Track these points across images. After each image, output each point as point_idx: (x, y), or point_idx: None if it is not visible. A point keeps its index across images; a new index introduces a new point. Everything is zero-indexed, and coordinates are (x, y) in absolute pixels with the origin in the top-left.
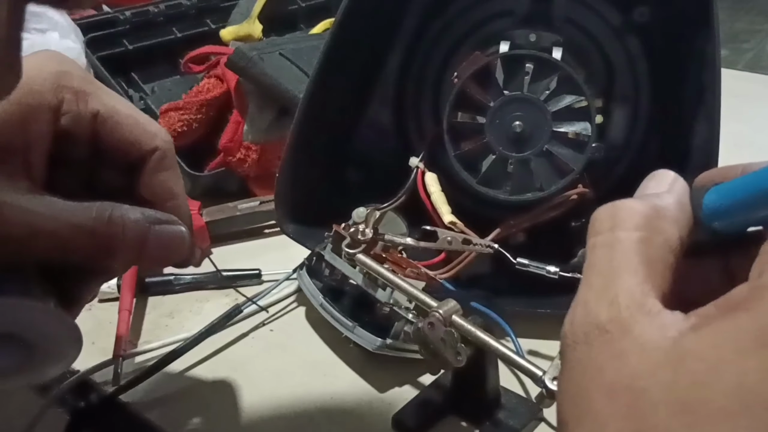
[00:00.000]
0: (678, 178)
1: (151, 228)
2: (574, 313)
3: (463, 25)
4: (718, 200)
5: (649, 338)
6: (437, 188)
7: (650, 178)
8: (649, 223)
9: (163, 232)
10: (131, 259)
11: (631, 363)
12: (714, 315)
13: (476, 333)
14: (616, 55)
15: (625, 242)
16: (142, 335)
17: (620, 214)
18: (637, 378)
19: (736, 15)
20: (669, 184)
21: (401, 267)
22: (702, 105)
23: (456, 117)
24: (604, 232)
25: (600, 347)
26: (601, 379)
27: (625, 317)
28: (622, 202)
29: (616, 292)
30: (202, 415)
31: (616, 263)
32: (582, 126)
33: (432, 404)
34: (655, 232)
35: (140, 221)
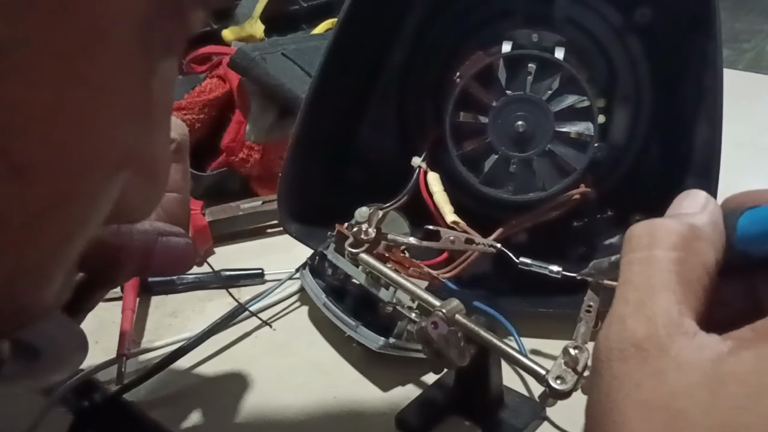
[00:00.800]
0: (710, 198)
1: (157, 240)
2: (609, 329)
3: (466, 25)
4: (753, 225)
5: (686, 359)
6: (439, 188)
7: (684, 197)
8: (687, 244)
9: (169, 244)
10: (137, 270)
11: (669, 382)
12: (752, 339)
13: (479, 332)
14: (618, 56)
15: (663, 261)
16: (146, 335)
17: (658, 233)
18: (674, 398)
19: (737, 15)
20: (702, 205)
21: (404, 266)
22: (703, 105)
23: (458, 117)
24: (642, 249)
25: (637, 364)
26: (637, 396)
27: (662, 336)
28: (659, 221)
29: (654, 310)
30: (206, 414)
31: (654, 281)
32: (584, 126)
33: (435, 403)
34: (692, 252)
35: (148, 232)
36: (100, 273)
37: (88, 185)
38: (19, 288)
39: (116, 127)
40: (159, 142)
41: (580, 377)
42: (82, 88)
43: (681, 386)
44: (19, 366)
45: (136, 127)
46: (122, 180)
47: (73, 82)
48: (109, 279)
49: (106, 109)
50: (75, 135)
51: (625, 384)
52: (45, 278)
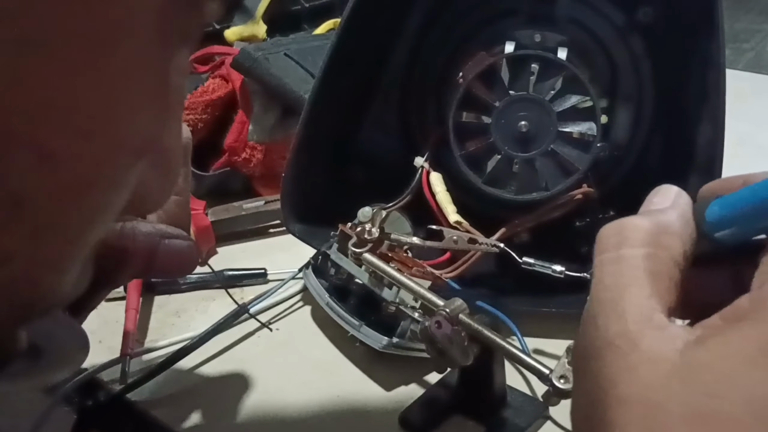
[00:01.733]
0: (681, 192)
1: (160, 242)
2: (584, 330)
3: (468, 25)
4: (719, 212)
5: (657, 351)
6: (442, 188)
7: (654, 193)
8: (654, 239)
9: (172, 247)
10: (140, 271)
11: (643, 375)
12: (720, 326)
13: (483, 332)
14: (620, 55)
15: (632, 259)
16: (149, 334)
17: (625, 232)
18: (649, 390)
19: (736, 15)
20: (672, 200)
21: (407, 266)
22: (706, 105)
23: (461, 117)
24: (611, 249)
25: (611, 362)
26: (614, 391)
27: (633, 331)
28: (627, 220)
29: (624, 307)
30: (209, 413)
31: (624, 279)
32: (587, 126)
33: (438, 403)
34: (660, 247)
35: (151, 234)
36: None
37: (110, 172)
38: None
39: (137, 114)
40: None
41: None
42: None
43: (654, 378)
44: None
45: (154, 115)
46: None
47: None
48: (112, 280)
49: (127, 96)
50: (99, 122)
51: (603, 382)
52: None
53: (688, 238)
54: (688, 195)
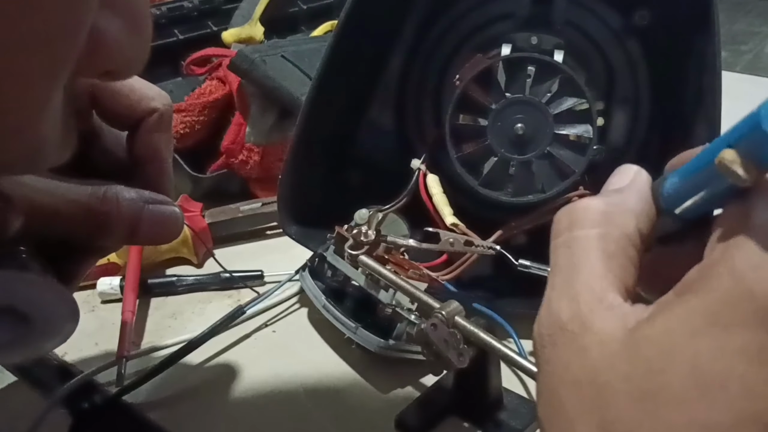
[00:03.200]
0: (641, 170)
1: (144, 207)
2: (540, 316)
3: (465, 28)
4: (672, 185)
5: (608, 332)
6: (439, 190)
7: (614, 173)
8: (606, 219)
9: (156, 212)
10: (125, 237)
11: (592, 357)
12: (671, 301)
13: (479, 334)
14: (616, 58)
15: (583, 240)
16: (146, 336)
17: (576, 214)
18: (598, 372)
19: (735, 17)
20: (631, 178)
21: (403, 268)
22: (702, 107)
23: (458, 119)
24: (563, 232)
25: (564, 346)
26: (567, 376)
27: (585, 313)
28: (579, 202)
29: (576, 289)
30: (206, 415)
31: (575, 261)
32: (583, 128)
33: (434, 405)
34: (612, 226)
35: (135, 200)
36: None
37: None
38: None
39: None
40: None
41: None
42: None
43: (602, 359)
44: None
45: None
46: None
47: None
48: (98, 247)
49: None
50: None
51: (557, 367)
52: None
53: (644, 216)
54: (647, 173)
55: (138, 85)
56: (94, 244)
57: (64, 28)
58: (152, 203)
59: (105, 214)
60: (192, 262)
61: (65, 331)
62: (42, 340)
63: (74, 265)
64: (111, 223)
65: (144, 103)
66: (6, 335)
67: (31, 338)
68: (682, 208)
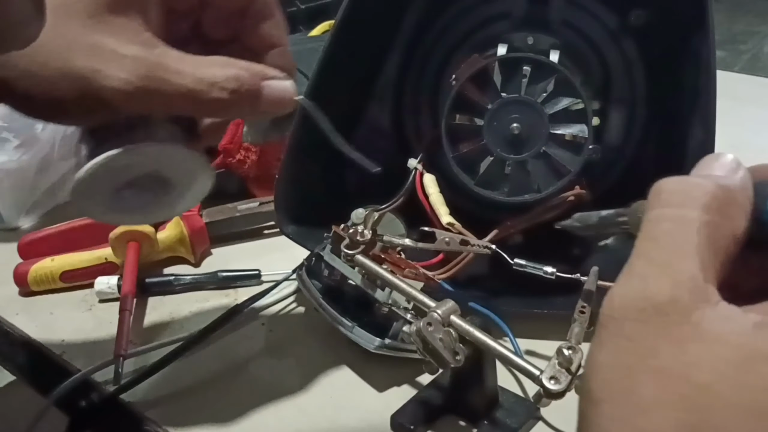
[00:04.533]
0: (741, 164)
1: (264, 84)
2: (627, 286)
3: (462, 28)
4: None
5: (710, 329)
6: (435, 189)
7: (713, 158)
8: (721, 208)
9: (274, 88)
10: (245, 113)
11: (691, 352)
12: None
13: (474, 333)
14: (613, 58)
15: (694, 223)
16: (143, 335)
17: (693, 192)
18: (697, 369)
19: (734, 16)
20: (733, 170)
21: (400, 267)
22: (697, 108)
23: (454, 119)
24: (674, 206)
25: (656, 329)
26: (653, 362)
27: (686, 301)
28: (693, 179)
29: (680, 273)
30: (202, 414)
31: (683, 243)
32: (579, 128)
33: (430, 404)
34: (725, 218)
35: (255, 77)
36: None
37: None
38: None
39: None
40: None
41: (573, 377)
42: None
43: (704, 358)
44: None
45: None
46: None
47: None
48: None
49: None
50: None
51: (641, 347)
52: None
53: (749, 216)
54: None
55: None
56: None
57: None
58: (270, 79)
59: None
60: (189, 262)
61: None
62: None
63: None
64: (233, 100)
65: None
66: (150, 197)
67: (171, 199)
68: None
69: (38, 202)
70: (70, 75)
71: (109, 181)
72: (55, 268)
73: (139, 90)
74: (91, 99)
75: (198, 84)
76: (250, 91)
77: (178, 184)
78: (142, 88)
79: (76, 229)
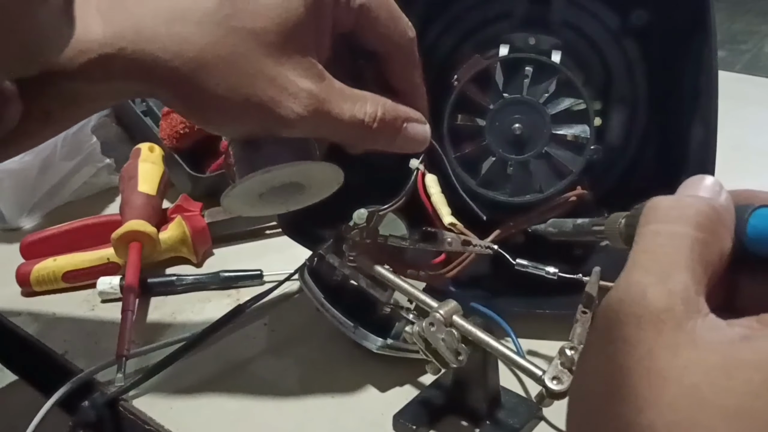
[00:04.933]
0: (724, 187)
1: (404, 126)
2: (626, 293)
3: (463, 28)
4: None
5: (701, 337)
6: (437, 190)
7: (699, 179)
8: (712, 227)
9: (412, 130)
10: (381, 146)
11: (683, 356)
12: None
13: (477, 333)
14: (614, 58)
15: (687, 239)
16: (145, 335)
17: (685, 210)
18: (688, 372)
19: (735, 16)
20: (717, 192)
21: (402, 268)
22: (698, 108)
23: (456, 119)
24: (669, 222)
25: (652, 334)
26: (650, 363)
27: (680, 311)
28: (687, 198)
29: (675, 284)
30: (205, 414)
31: (677, 256)
32: (580, 129)
33: (432, 404)
34: (715, 236)
35: (399, 118)
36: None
37: None
38: None
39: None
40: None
41: None
42: None
43: (695, 363)
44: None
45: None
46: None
47: None
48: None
49: None
50: None
51: (638, 350)
52: None
53: (734, 236)
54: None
55: (396, 13)
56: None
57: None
58: (411, 121)
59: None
60: (191, 262)
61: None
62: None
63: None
64: (377, 137)
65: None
66: (285, 196)
67: (304, 197)
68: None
69: (40, 203)
70: (253, 102)
71: (257, 189)
72: (57, 268)
73: (307, 121)
74: (264, 124)
75: (352, 120)
76: (394, 129)
77: (312, 186)
78: (310, 120)
79: (78, 229)
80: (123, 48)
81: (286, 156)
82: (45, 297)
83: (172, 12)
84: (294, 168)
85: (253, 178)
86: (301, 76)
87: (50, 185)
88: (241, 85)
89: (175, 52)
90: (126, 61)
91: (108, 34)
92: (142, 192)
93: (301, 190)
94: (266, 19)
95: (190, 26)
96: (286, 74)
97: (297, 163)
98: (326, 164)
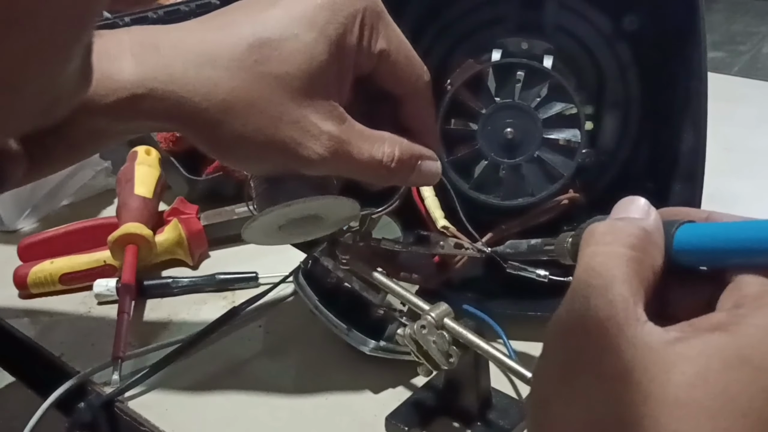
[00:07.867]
0: (651, 206)
1: (418, 164)
2: (573, 306)
3: (456, 33)
4: (688, 241)
5: (640, 340)
6: (431, 193)
7: (630, 202)
8: (642, 246)
9: (426, 167)
10: (397, 183)
11: (625, 358)
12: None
13: (468, 335)
14: (606, 63)
15: (623, 257)
16: (141, 337)
17: (619, 233)
18: (629, 371)
19: (733, 17)
20: (646, 212)
21: (395, 270)
22: (689, 112)
23: (449, 123)
24: (606, 244)
25: (597, 339)
26: (596, 367)
27: (620, 318)
28: (619, 222)
29: (615, 296)
30: (200, 416)
31: (615, 272)
32: (572, 133)
33: (425, 405)
34: (646, 254)
35: (414, 157)
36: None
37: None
38: None
39: None
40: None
41: None
42: None
43: (636, 362)
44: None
45: None
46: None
47: None
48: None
49: None
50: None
51: (585, 355)
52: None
53: (663, 252)
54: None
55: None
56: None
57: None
58: (425, 159)
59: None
60: (187, 264)
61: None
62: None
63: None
64: (393, 176)
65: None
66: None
67: (321, 228)
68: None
69: (38, 205)
70: (276, 143)
71: (276, 222)
72: (54, 270)
73: (328, 162)
74: (287, 163)
75: (371, 160)
76: (409, 167)
77: (329, 218)
78: (331, 161)
79: (75, 231)
80: (154, 89)
81: (306, 191)
82: (42, 299)
83: (203, 56)
84: (313, 203)
85: (273, 212)
86: (323, 118)
87: (48, 188)
88: (265, 126)
89: (204, 95)
90: (155, 101)
91: (140, 75)
92: (139, 195)
93: (318, 222)
94: (292, 65)
95: (220, 71)
96: (309, 117)
97: (316, 198)
98: (344, 199)
